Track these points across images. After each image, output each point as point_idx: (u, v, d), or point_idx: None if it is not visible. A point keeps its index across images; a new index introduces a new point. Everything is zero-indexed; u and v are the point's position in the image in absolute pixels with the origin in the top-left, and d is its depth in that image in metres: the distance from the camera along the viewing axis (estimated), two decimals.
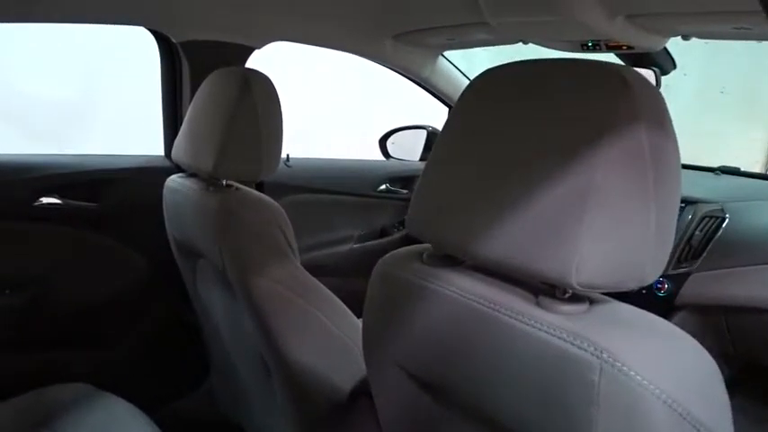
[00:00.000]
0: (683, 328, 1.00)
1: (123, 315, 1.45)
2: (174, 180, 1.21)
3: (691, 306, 1.45)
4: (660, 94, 0.57)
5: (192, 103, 1.16)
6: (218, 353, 1.37)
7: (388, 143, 2.25)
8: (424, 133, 2.19)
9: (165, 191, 1.23)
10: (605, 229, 0.52)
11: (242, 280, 1.03)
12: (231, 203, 1.06)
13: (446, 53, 1.86)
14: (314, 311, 1.02)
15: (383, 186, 1.97)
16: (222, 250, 1.05)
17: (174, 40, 1.36)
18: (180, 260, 1.29)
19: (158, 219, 1.26)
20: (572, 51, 1.39)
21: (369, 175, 1.91)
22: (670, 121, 0.56)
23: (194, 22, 1.34)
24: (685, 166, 2.01)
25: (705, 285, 1.40)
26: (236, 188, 1.12)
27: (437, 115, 2.09)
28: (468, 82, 1.74)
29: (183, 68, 1.40)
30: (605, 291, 0.55)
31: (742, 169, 1.86)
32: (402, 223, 2.02)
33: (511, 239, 0.56)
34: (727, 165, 1.85)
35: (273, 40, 1.46)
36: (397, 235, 1.99)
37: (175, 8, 1.29)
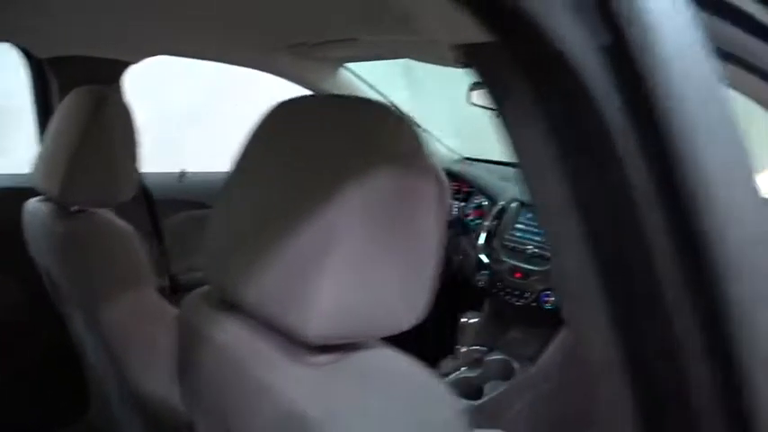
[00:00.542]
0: (571, 342, 0.99)
1: None
2: (31, 203, 1.17)
3: None
4: (415, 131, 0.55)
5: (49, 124, 1.12)
6: (95, 381, 1.33)
7: None
8: None
9: (24, 214, 1.19)
10: (347, 276, 0.51)
11: (89, 311, 0.99)
12: (78, 230, 1.03)
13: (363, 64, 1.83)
14: (164, 339, 0.99)
15: None
16: (69, 280, 1.01)
17: (40, 57, 1.31)
18: (48, 286, 1.25)
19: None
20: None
21: None
22: (426, 157, 0.54)
23: (59, 37, 1.29)
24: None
25: None
26: (90, 212, 1.08)
27: None
28: (372, 93, 1.71)
29: (52, 86, 1.35)
30: (348, 341, 0.54)
31: None
32: None
33: (263, 286, 0.54)
34: None
35: (150, 55, 1.42)
36: None
37: (39, 23, 1.23)
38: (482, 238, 1.65)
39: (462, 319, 1.45)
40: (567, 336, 1.48)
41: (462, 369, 1.47)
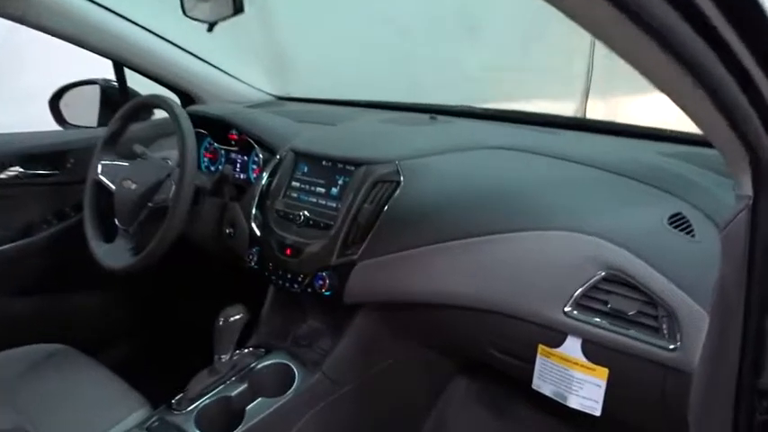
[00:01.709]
0: (367, 332, 1.09)
1: None
2: None
3: (368, 305, 1.09)
4: None
5: None
6: None
7: (62, 105, 1.70)
8: (96, 89, 1.66)
9: None
10: None
11: None
12: None
13: None
14: None
15: (13, 170, 1.44)
16: None
17: None
18: None
19: None
20: None
21: None
22: None
23: None
24: (393, 106, 1.59)
25: (370, 277, 1.04)
26: None
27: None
28: None
29: None
30: None
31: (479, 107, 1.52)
32: (58, 215, 1.51)
33: None
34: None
35: None
36: (45, 233, 1.48)
37: None
38: (254, 204, 1.23)
39: (220, 320, 1.04)
40: (364, 322, 1.11)
41: (219, 387, 1.07)
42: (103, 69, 1.71)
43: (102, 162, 1.33)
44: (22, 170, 1.46)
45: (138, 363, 1.58)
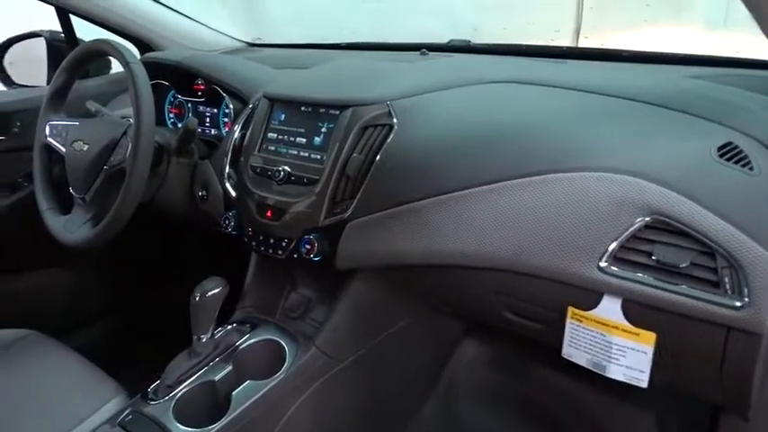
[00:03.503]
0: (365, 298, 0.99)
1: None
2: None
3: (364, 269, 0.95)
4: None
5: None
6: None
7: (6, 63, 1.52)
8: (42, 43, 1.47)
9: None
10: None
11: None
12: None
13: None
14: None
15: None
16: None
17: None
18: None
19: None
20: None
21: None
22: None
23: None
24: (378, 46, 1.42)
25: (364, 238, 0.89)
26: None
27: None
28: None
29: None
30: None
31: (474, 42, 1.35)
32: (13, 186, 1.34)
33: None
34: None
35: None
36: None
37: None
38: (227, 162, 1.08)
39: (194, 297, 0.90)
40: (361, 288, 0.97)
41: (200, 371, 0.94)
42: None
43: (51, 123, 1.16)
44: None
45: (111, 347, 1.45)
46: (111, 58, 1.10)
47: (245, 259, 1.16)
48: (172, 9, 1.54)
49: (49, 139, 1.15)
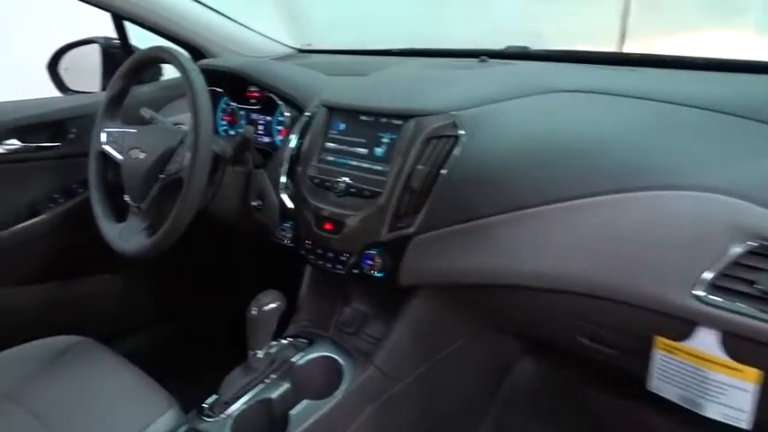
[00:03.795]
0: (425, 316, 0.95)
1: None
2: None
3: (426, 285, 0.91)
4: None
5: None
6: None
7: (61, 69, 1.53)
8: (96, 50, 1.48)
9: None
10: None
11: None
12: None
13: None
14: None
15: (12, 142, 1.27)
16: None
17: None
18: None
19: None
20: None
21: None
22: None
23: None
24: (432, 53, 1.36)
25: (430, 254, 0.85)
26: None
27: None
28: None
29: None
30: None
31: (533, 48, 1.30)
32: (66, 192, 1.35)
33: None
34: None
35: None
36: (51, 212, 1.32)
37: None
38: (284, 171, 1.05)
39: (250, 310, 0.88)
40: (422, 305, 0.94)
41: (258, 387, 0.92)
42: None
43: (106, 130, 1.15)
44: (20, 143, 1.28)
45: (159, 354, 1.44)
46: (162, 64, 1.09)
47: (297, 270, 1.14)
48: (223, 15, 1.53)
49: (106, 147, 1.14)
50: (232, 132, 1.29)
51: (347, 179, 0.93)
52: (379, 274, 0.89)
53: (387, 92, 1.00)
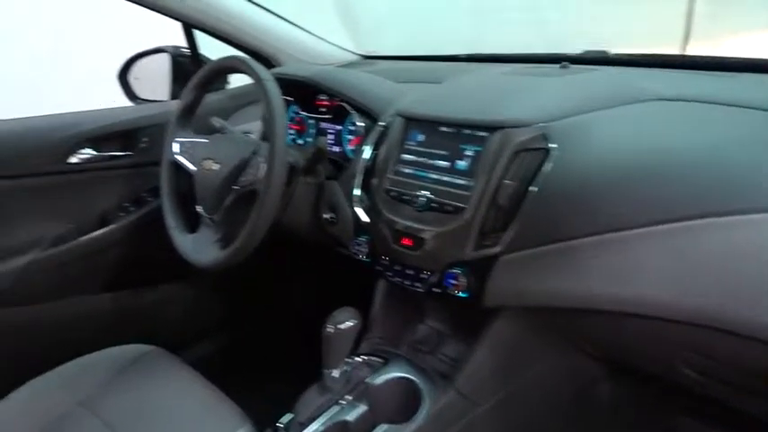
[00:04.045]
0: (509, 339, 0.90)
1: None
2: None
3: (511, 308, 0.86)
4: None
5: None
6: None
7: (131, 79, 1.55)
8: (165, 58, 1.49)
9: None
10: None
11: None
12: None
13: None
14: None
15: (86, 152, 1.28)
16: None
17: None
18: None
19: None
20: None
21: (49, 137, 1.23)
22: None
23: None
24: (504, 58, 1.31)
25: (517, 275, 0.81)
26: None
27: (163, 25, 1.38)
28: None
29: None
30: None
31: (613, 52, 1.23)
32: (137, 201, 1.36)
33: None
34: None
35: None
36: (123, 221, 1.33)
37: None
38: (358, 183, 1.02)
39: (326, 328, 0.85)
40: (506, 327, 0.90)
41: (334, 408, 0.89)
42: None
43: (178, 139, 1.15)
44: (93, 152, 1.30)
45: (226, 363, 1.44)
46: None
47: (368, 284, 1.11)
48: (288, 21, 1.52)
49: (178, 157, 1.14)
50: (300, 142, 1.27)
51: (427, 193, 0.89)
52: (462, 295, 0.85)
53: (468, 101, 0.95)
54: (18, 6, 2.42)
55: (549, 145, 0.81)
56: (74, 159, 1.27)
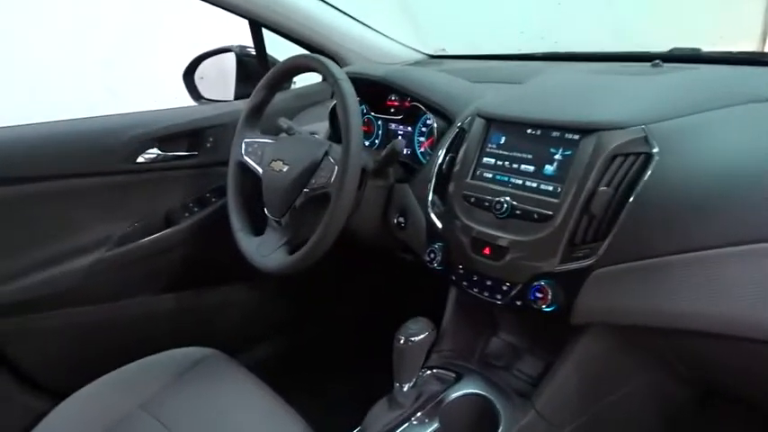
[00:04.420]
0: (597, 359, 0.84)
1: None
2: None
3: (599, 324, 0.80)
4: None
5: None
6: None
7: (197, 78, 1.55)
8: (231, 58, 1.48)
9: None
10: None
11: None
12: None
13: None
14: None
15: (153, 152, 1.29)
16: None
17: None
18: None
19: None
20: None
21: (118, 137, 1.23)
22: None
23: None
24: (584, 57, 1.25)
25: (611, 290, 0.74)
26: None
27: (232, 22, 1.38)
28: None
29: None
30: None
31: (704, 50, 1.15)
32: (200, 201, 1.35)
33: None
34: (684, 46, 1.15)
35: None
36: (187, 222, 1.32)
37: None
38: (432, 187, 0.98)
39: (398, 340, 0.81)
40: (593, 345, 0.84)
41: (404, 425, 0.84)
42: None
43: (246, 140, 1.13)
44: (160, 152, 1.30)
45: (285, 366, 1.41)
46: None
47: (435, 290, 1.06)
48: (355, 19, 1.49)
49: (245, 158, 1.12)
50: (367, 143, 1.24)
51: (510, 199, 0.84)
52: (548, 309, 0.79)
53: (556, 101, 0.89)
54: (87, 6, 2.49)
55: (652, 149, 0.74)
56: (141, 159, 1.27)
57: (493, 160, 0.89)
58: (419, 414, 0.86)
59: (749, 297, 0.64)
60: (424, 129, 1.11)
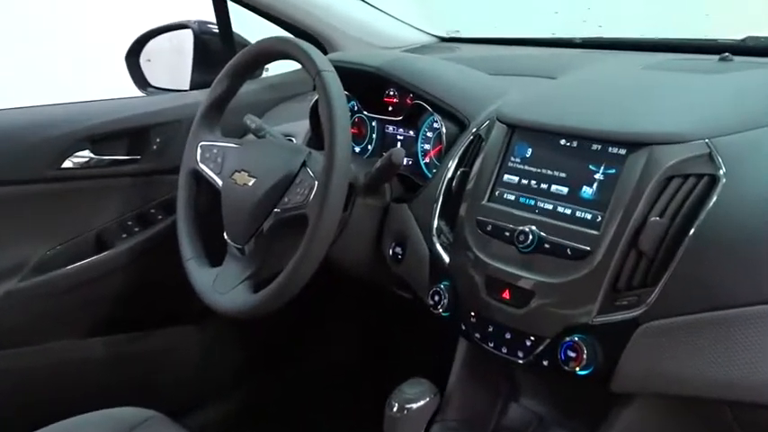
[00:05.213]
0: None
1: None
2: None
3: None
4: None
5: None
6: None
7: (143, 61, 1.57)
8: (188, 36, 1.50)
9: None
10: None
11: None
12: None
13: None
14: None
15: (83, 154, 1.30)
16: None
17: None
18: None
19: None
20: None
21: (39, 135, 1.25)
22: None
23: None
24: (651, 46, 1.26)
25: (663, 350, 0.75)
26: None
27: None
28: None
29: None
30: None
31: None
32: (142, 218, 1.35)
33: None
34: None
35: None
36: (124, 245, 1.32)
37: None
38: (437, 210, 0.98)
39: (391, 406, 0.81)
40: (640, 420, 0.84)
41: None
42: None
43: (203, 143, 1.14)
44: (92, 155, 1.31)
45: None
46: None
47: (441, 336, 1.06)
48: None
49: (201, 165, 1.13)
50: (356, 149, 1.25)
51: (537, 228, 0.84)
52: (583, 372, 0.79)
53: (597, 105, 0.90)
54: None
55: (718, 170, 0.75)
56: (67, 164, 1.27)
57: (516, 178, 0.90)
58: None
59: None
60: (429, 134, 1.13)
